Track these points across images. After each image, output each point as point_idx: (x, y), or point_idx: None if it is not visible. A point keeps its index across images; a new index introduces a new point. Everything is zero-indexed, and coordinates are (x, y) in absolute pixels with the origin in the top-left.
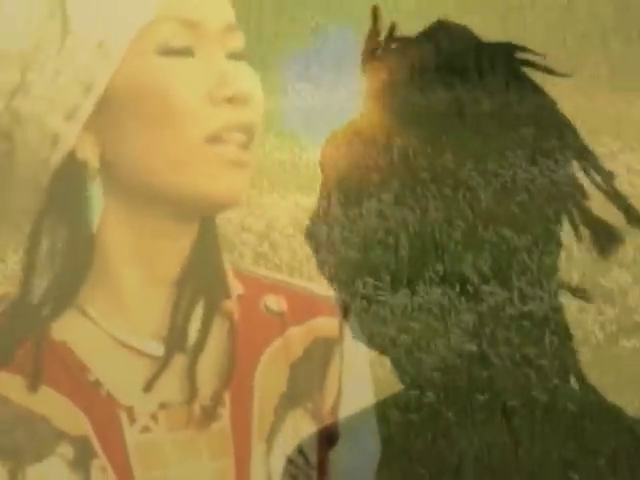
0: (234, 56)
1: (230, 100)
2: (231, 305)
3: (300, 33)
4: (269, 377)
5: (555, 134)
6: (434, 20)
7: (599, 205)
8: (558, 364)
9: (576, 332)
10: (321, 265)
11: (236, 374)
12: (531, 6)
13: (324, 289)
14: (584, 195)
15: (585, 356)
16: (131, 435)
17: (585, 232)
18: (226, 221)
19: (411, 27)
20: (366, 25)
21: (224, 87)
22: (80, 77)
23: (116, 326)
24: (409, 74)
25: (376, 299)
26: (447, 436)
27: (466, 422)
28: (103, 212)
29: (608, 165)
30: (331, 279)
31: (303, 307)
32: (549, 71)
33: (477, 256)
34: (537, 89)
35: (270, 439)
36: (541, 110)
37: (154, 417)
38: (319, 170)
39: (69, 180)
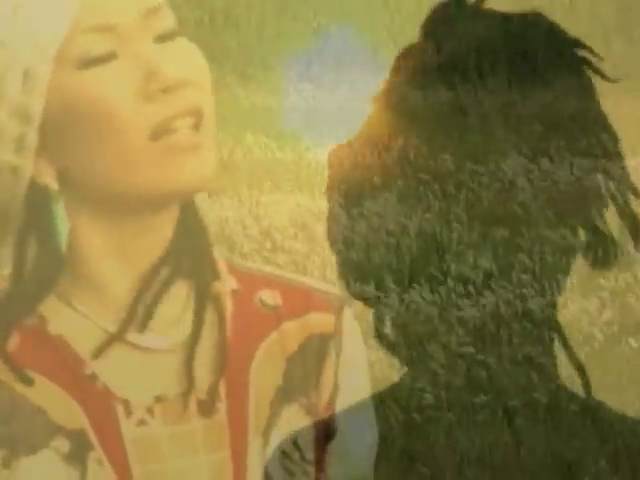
0: (163, 38)
1: (165, 90)
2: (222, 290)
3: (302, 33)
4: (265, 371)
5: (593, 134)
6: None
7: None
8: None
9: (577, 332)
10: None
11: (231, 368)
12: (531, 5)
13: (319, 283)
14: (604, 204)
15: (585, 357)
16: (127, 428)
17: (592, 243)
18: (226, 221)
19: (412, 28)
20: (367, 26)
21: (153, 80)
22: (16, 109)
23: (108, 321)
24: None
25: (376, 299)
26: (448, 436)
27: (467, 422)
28: (78, 222)
29: (608, 165)
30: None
31: (298, 301)
32: (601, 74)
33: (478, 256)
34: (588, 88)
35: (266, 433)
36: (584, 110)
37: (150, 410)
38: (319, 170)
39: (35, 206)
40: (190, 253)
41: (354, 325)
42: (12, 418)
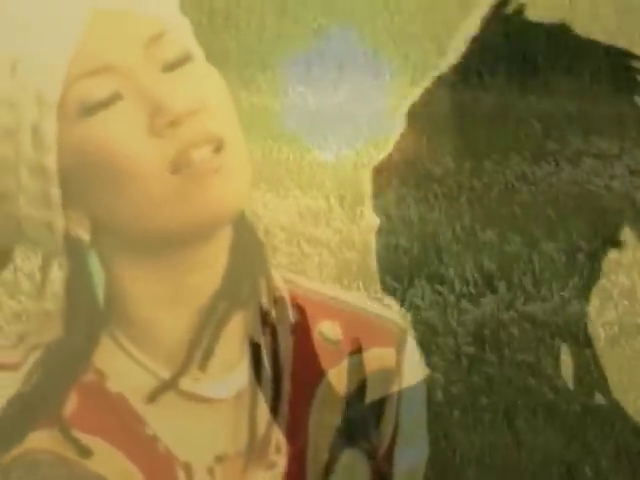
0: (172, 66)
1: (172, 124)
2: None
3: (302, 34)
4: (324, 413)
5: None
6: (436, 22)
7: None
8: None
9: (577, 332)
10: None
11: (290, 412)
12: (533, 7)
13: (379, 308)
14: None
15: (586, 357)
16: None
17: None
18: None
19: (412, 27)
20: (367, 27)
21: (159, 116)
22: (34, 166)
23: (168, 371)
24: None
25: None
26: (449, 436)
27: (468, 423)
28: (118, 269)
29: (608, 165)
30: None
31: (359, 334)
32: None
33: (479, 257)
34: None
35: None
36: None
37: (211, 471)
38: (320, 171)
39: (72, 259)
40: (247, 279)
41: (415, 357)
42: None
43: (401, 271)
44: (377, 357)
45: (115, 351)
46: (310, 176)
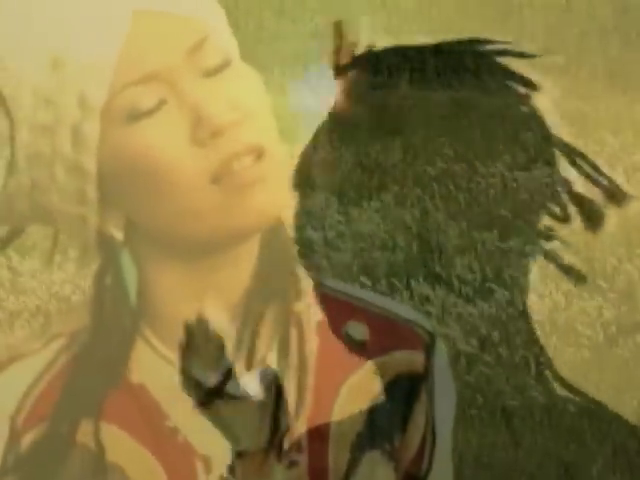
0: (212, 72)
1: (215, 134)
2: (308, 324)
3: (300, 35)
4: (347, 412)
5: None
6: (434, 20)
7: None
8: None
9: (576, 332)
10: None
11: (313, 412)
12: (530, 6)
13: (408, 311)
14: (569, 185)
15: (585, 356)
16: None
17: (572, 210)
18: None
19: (412, 27)
20: (365, 27)
21: (202, 126)
22: (71, 165)
23: (195, 368)
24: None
25: None
26: None
27: (465, 422)
28: (151, 268)
29: (608, 166)
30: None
31: (386, 336)
32: (520, 55)
33: (476, 257)
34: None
35: None
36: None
37: (230, 467)
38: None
39: (105, 256)
40: (276, 279)
41: (445, 363)
42: (89, 477)
43: (399, 271)
44: (404, 360)
45: (141, 346)
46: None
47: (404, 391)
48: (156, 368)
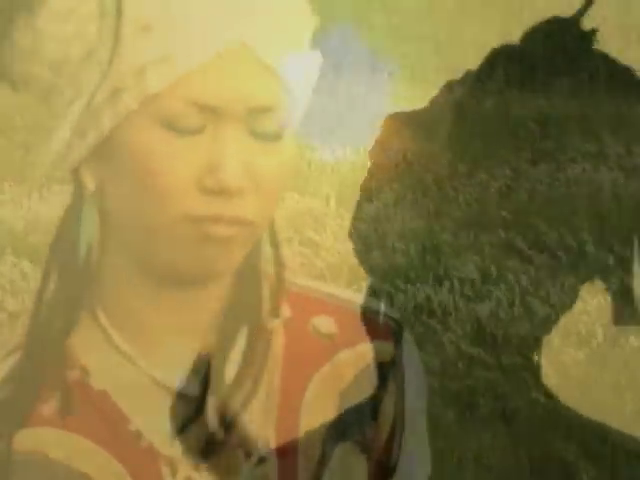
0: (257, 135)
1: (219, 193)
2: (274, 324)
3: None
4: (316, 407)
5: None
6: (434, 20)
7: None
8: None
9: (577, 332)
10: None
11: (281, 406)
12: (530, 6)
13: (375, 303)
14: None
15: (585, 356)
16: None
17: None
18: None
19: (411, 27)
20: (364, 26)
21: (213, 177)
22: (85, 112)
23: (154, 365)
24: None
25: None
26: (447, 437)
27: (466, 423)
28: (112, 247)
29: (607, 168)
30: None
31: (354, 329)
32: None
33: (477, 257)
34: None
35: (317, 474)
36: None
37: (196, 467)
38: (318, 171)
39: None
40: (247, 298)
41: (414, 351)
42: None
43: (399, 272)
44: (373, 351)
45: (99, 342)
46: (308, 176)
47: (373, 380)
48: (117, 370)
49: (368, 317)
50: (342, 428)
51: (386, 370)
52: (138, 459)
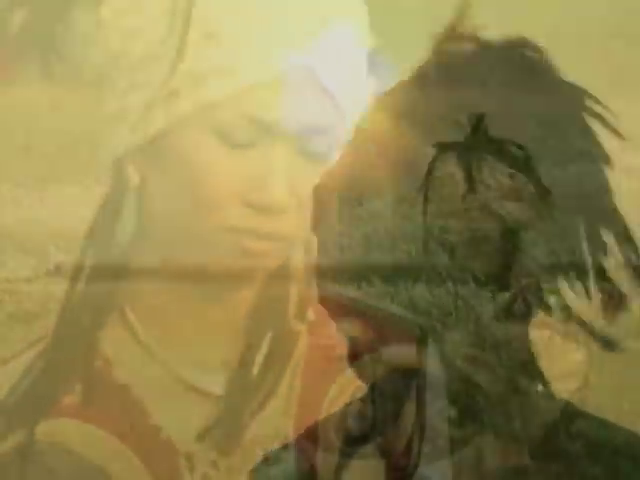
0: (308, 155)
1: (261, 211)
2: (298, 328)
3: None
4: (337, 409)
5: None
6: (431, 19)
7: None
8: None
9: (577, 332)
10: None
11: (302, 409)
12: (526, 8)
13: (400, 310)
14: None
15: (585, 357)
16: None
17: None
18: None
19: (410, 27)
20: (364, 26)
21: (261, 193)
22: (143, 110)
23: (180, 363)
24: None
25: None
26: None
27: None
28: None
29: (607, 166)
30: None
31: (378, 332)
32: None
33: (478, 258)
34: None
35: (337, 476)
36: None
37: (214, 464)
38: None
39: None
40: (272, 305)
41: (437, 356)
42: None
43: (399, 272)
44: (396, 356)
45: (125, 338)
46: None
47: (395, 386)
48: (140, 364)
49: (392, 321)
50: (363, 430)
51: (409, 375)
52: (156, 454)
